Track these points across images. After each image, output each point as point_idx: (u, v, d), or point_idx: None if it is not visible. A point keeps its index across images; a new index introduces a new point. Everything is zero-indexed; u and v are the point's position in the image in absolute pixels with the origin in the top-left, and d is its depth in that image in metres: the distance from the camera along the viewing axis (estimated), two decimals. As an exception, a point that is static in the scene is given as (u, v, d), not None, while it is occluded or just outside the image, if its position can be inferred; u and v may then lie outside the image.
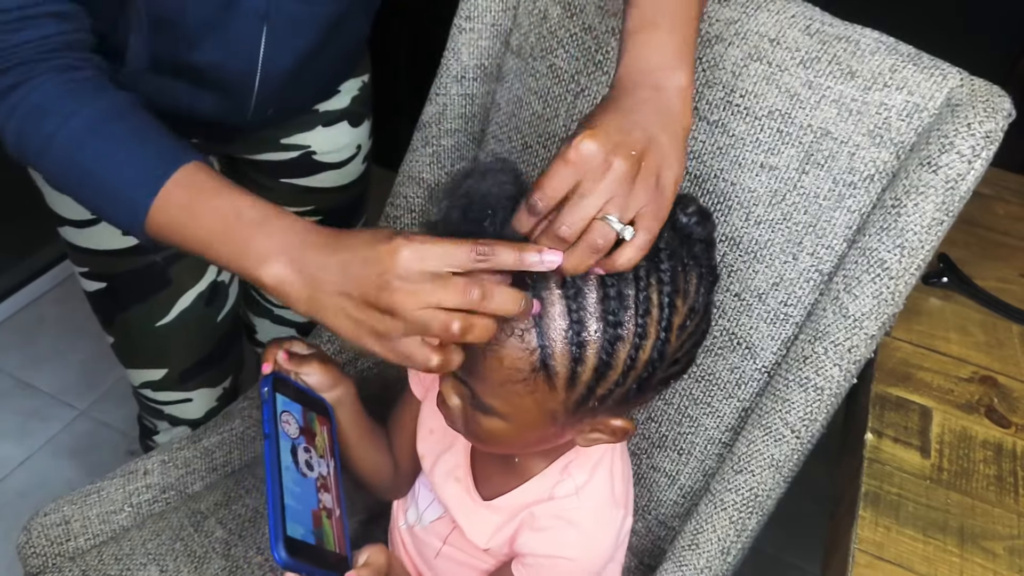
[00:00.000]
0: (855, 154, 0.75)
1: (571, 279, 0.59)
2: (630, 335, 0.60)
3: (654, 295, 0.60)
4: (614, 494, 0.76)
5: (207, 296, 1.02)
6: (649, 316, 0.60)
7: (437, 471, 0.81)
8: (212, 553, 0.94)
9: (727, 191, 0.80)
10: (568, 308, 0.59)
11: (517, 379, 0.61)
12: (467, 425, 0.70)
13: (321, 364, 0.81)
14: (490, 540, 0.77)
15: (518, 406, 0.63)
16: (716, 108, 0.80)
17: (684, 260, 0.63)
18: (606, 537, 0.75)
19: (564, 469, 0.75)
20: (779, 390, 0.79)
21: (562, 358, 0.60)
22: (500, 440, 0.69)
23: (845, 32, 0.77)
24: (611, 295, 0.59)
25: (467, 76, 0.93)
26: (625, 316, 0.60)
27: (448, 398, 0.69)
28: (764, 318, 0.81)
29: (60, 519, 0.91)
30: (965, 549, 0.73)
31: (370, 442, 0.89)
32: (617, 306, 0.59)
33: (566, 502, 0.74)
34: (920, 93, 0.73)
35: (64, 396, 1.76)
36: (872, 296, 0.74)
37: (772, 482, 0.80)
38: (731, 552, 0.81)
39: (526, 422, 0.65)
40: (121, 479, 0.95)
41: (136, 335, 1.04)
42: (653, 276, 0.61)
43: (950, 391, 0.87)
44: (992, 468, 0.80)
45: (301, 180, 1.03)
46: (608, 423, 0.67)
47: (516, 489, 0.76)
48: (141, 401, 1.12)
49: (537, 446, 0.71)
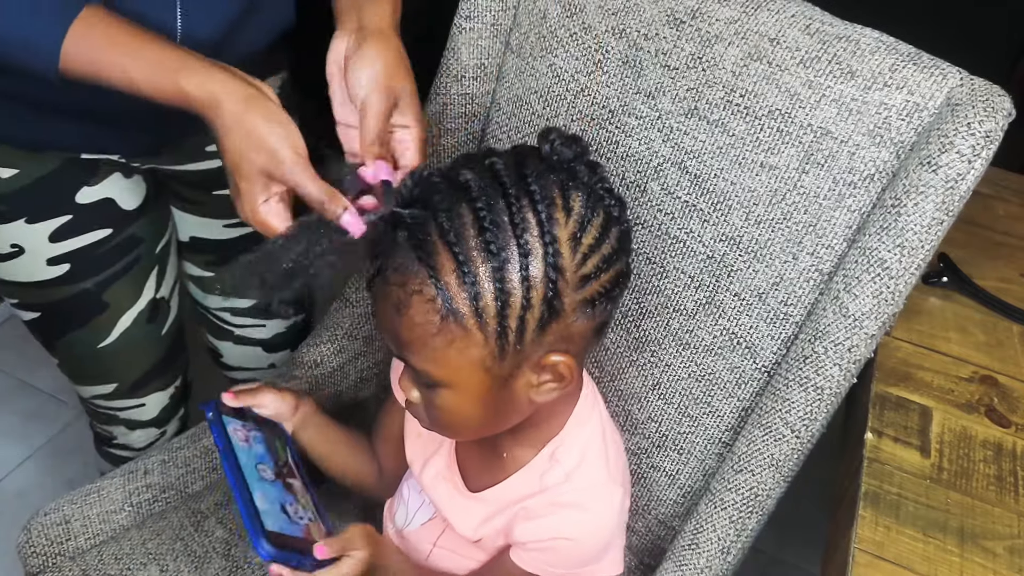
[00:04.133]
0: (855, 154, 0.75)
1: (448, 226, 0.62)
2: (515, 256, 0.62)
3: (529, 214, 0.63)
4: (610, 472, 0.76)
5: (147, 314, 0.99)
6: (528, 233, 0.62)
7: (426, 473, 0.82)
8: (212, 553, 0.94)
9: (727, 190, 0.80)
10: (452, 252, 0.62)
11: (432, 332, 0.64)
12: (430, 416, 0.71)
13: (274, 393, 0.85)
14: (478, 530, 0.77)
15: (449, 364, 0.65)
16: (716, 108, 0.80)
17: (563, 181, 0.65)
18: (606, 515, 0.75)
19: (551, 457, 0.75)
20: (779, 390, 0.79)
21: (461, 297, 0.62)
22: (463, 417, 0.70)
23: (845, 32, 0.77)
24: (487, 226, 0.62)
25: (467, 76, 0.93)
26: (504, 239, 0.62)
27: (408, 393, 0.71)
28: (764, 318, 0.81)
29: (60, 519, 0.91)
30: (965, 549, 0.73)
31: (346, 451, 0.90)
32: (495, 233, 0.62)
33: (559, 489, 0.74)
34: (920, 93, 0.73)
35: (64, 396, 1.76)
36: (872, 296, 0.74)
37: (772, 482, 0.80)
38: (731, 552, 0.81)
39: (467, 382, 0.66)
40: (121, 479, 0.95)
41: (80, 356, 1.01)
42: (524, 198, 0.63)
43: (950, 391, 0.87)
44: (992, 468, 0.80)
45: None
46: (546, 363, 0.67)
47: (504, 481, 0.76)
48: (92, 410, 1.09)
49: (502, 416, 0.71)
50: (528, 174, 0.64)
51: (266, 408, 0.85)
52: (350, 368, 1.05)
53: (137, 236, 0.94)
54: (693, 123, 0.81)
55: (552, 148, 0.66)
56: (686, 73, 0.81)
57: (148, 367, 1.04)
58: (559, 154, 0.66)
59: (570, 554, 0.75)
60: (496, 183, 0.64)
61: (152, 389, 1.06)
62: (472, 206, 0.63)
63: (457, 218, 0.62)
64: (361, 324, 1.03)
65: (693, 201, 0.82)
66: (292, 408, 0.86)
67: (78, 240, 0.90)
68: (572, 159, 0.66)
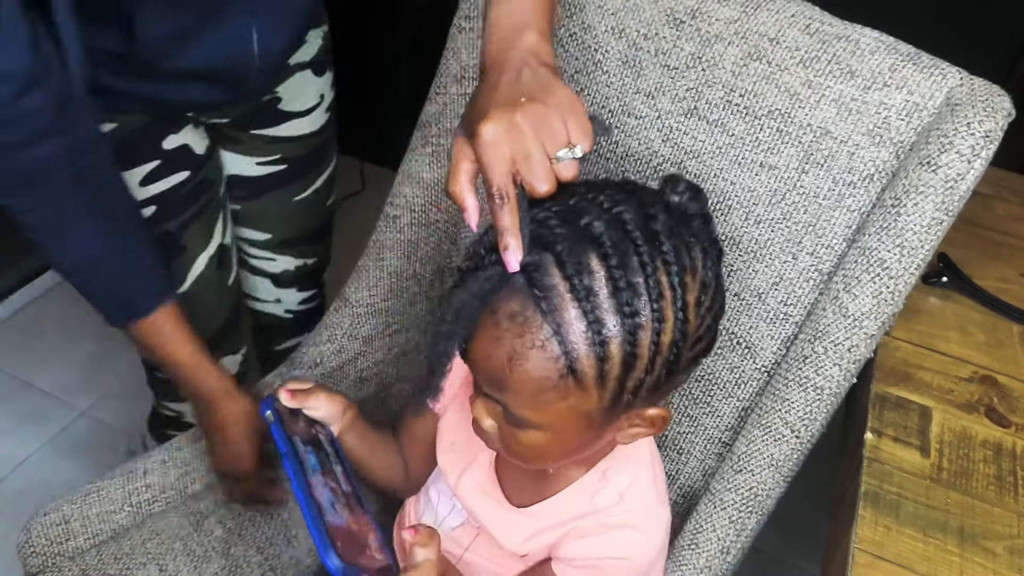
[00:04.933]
0: (855, 153, 0.75)
1: (577, 281, 0.58)
2: (649, 321, 0.59)
3: (663, 277, 0.60)
4: (658, 492, 0.75)
5: (217, 259, 1.05)
6: (663, 299, 0.60)
7: (463, 485, 0.80)
8: (212, 553, 0.94)
9: (727, 190, 0.80)
10: (582, 309, 0.58)
11: (548, 387, 0.60)
12: (506, 444, 0.68)
13: (326, 395, 0.84)
14: (525, 545, 0.76)
15: (554, 414, 0.63)
16: (716, 107, 0.80)
17: (685, 238, 0.63)
18: (657, 536, 0.75)
19: (603, 476, 0.74)
20: (779, 390, 0.79)
21: (588, 359, 0.59)
22: (543, 453, 0.67)
23: (845, 31, 0.77)
24: (621, 286, 0.59)
25: (467, 76, 0.93)
26: (640, 304, 0.59)
27: (482, 420, 0.68)
28: (764, 317, 0.81)
29: (60, 519, 0.91)
30: (965, 549, 0.73)
31: (381, 453, 0.90)
32: (630, 296, 0.59)
33: (612, 509, 0.73)
34: (920, 92, 0.73)
35: (64, 396, 1.76)
36: (872, 296, 0.74)
37: (772, 482, 0.80)
38: (731, 552, 0.81)
39: (564, 429, 0.64)
40: (121, 478, 0.95)
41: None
42: (658, 259, 0.60)
43: (950, 391, 0.87)
44: (992, 468, 0.80)
45: (268, 130, 1.07)
46: (644, 414, 0.66)
47: (553, 497, 0.75)
48: (164, 386, 1.14)
49: (579, 453, 0.70)
50: (659, 231, 0.61)
51: (318, 410, 0.83)
52: (350, 368, 1.05)
53: (208, 179, 1.02)
54: (693, 123, 0.81)
55: (680, 201, 0.64)
56: (686, 73, 0.81)
57: (221, 322, 1.10)
58: (686, 208, 0.64)
59: (619, 573, 0.74)
60: (627, 238, 0.60)
61: (225, 351, 1.12)
62: (605, 262, 0.59)
63: (587, 273, 0.58)
64: (361, 324, 1.03)
65: (693, 201, 0.82)
66: (341, 411, 0.85)
67: (164, 183, 0.96)
68: (697, 214, 0.65)
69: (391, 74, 2.02)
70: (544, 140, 0.61)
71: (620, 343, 0.59)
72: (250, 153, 1.08)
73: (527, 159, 0.60)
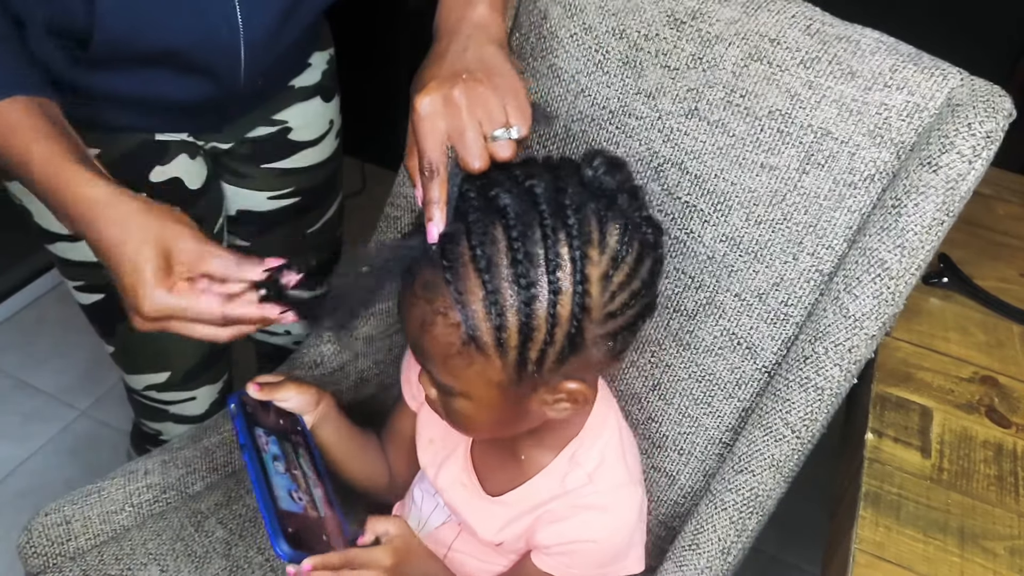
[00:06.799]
0: (855, 154, 0.75)
1: (480, 251, 0.61)
2: (544, 292, 0.61)
3: (563, 249, 0.61)
4: (629, 472, 0.76)
5: None
6: (561, 270, 0.61)
7: (441, 478, 0.82)
8: (213, 553, 0.94)
9: (727, 191, 0.80)
10: (482, 279, 0.61)
11: (453, 353, 0.63)
12: (447, 413, 0.71)
13: (296, 387, 0.84)
14: (500, 533, 0.77)
15: (466, 381, 0.65)
16: (716, 108, 0.80)
17: (600, 212, 0.63)
18: (627, 515, 0.76)
19: (571, 459, 0.75)
20: (779, 390, 0.79)
21: (485, 327, 0.62)
22: (473, 421, 0.70)
23: (845, 32, 0.77)
24: (519, 258, 0.60)
25: (467, 76, 0.93)
26: (536, 274, 0.61)
27: (426, 390, 0.72)
28: (764, 318, 0.81)
29: (61, 519, 0.91)
30: (965, 549, 0.73)
31: (361, 449, 0.90)
32: (527, 267, 0.61)
33: (581, 491, 0.74)
34: (920, 93, 0.73)
35: (64, 396, 1.76)
36: (872, 296, 0.74)
37: (772, 482, 0.80)
38: (731, 552, 0.81)
39: (482, 397, 0.66)
40: (122, 479, 0.95)
41: (138, 342, 1.03)
42: (561, 232, 0.62)
43: (950, 391, 0.87)
44: (992, 468, 0.80)
45: (279, 163, 1.05)
46: (563, 387, 0.67)
47: (525, 484, 0.76)
48: (143, 404, 1.12)
49: (512, 424, 0.72)
50: (567, 204, 0.62)
51: (288, 401, 0.84)
52: (350, 368, 1.05)
53: (199, 215, 0.99)
54: (693, 123, 0.81)
55: (595, 175, 0.65)
56: (686, 74, 0.81)
57: (201, 356, 1.07)
58: (601, 182, 0.65)
59: (592, 556, 0.75)
60: (534, 210, 0.62)
61: (203, 381, 1.09)
62: (507, 233, 0.61)
63: (490, 244, 0.61)
64: (361, 324, 1.03)
65: (693, 202, 0.82)
66: (313, 402, 0.86)
67: None
68: (615, 188, 0.65)
69: (391, 74, 2.03)
70: (481, 119, 0.63)
71: (516, 312, 0.61)
72: (261, 188, 1.06)
73: (461, 136, 0.63)
